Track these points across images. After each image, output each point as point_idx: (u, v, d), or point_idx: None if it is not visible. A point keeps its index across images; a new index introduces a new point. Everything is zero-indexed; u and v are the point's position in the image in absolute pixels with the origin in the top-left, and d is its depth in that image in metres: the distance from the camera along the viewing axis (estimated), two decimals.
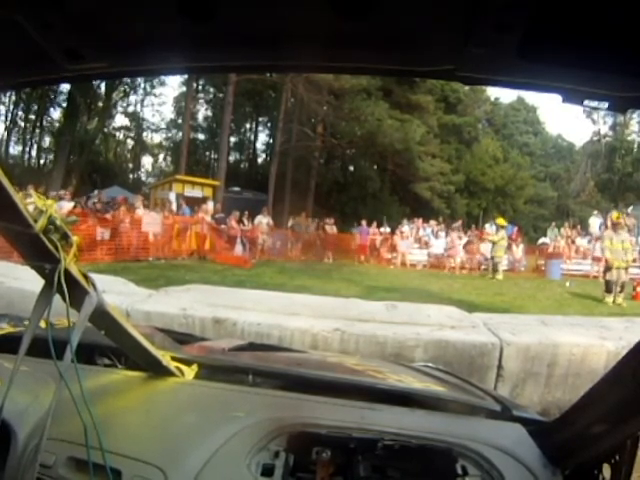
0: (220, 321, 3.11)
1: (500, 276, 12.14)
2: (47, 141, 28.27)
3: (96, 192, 15.35)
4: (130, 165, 32.63)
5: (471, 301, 7.29)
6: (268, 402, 1.06)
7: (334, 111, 22.79)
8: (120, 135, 31.16)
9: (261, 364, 1.29)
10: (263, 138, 33.02)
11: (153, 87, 29.71)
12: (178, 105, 30.27)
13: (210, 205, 14.36)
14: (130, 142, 32.06)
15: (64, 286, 0.74)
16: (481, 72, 0.52)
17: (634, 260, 9.16)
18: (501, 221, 13.81)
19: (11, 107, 25.76)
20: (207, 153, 31.98)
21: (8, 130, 25.78)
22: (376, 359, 2.37)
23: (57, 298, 0.76)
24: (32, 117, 27.31)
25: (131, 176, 31.84)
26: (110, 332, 0.98)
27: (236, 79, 20.19)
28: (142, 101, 30.31)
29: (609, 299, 8.51)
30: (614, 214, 11.31)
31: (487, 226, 17.56)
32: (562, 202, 29.55)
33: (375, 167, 26.24)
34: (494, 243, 12.77)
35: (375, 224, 16.49)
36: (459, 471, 0.87)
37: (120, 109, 29.35)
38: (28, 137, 27.61)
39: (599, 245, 14.48)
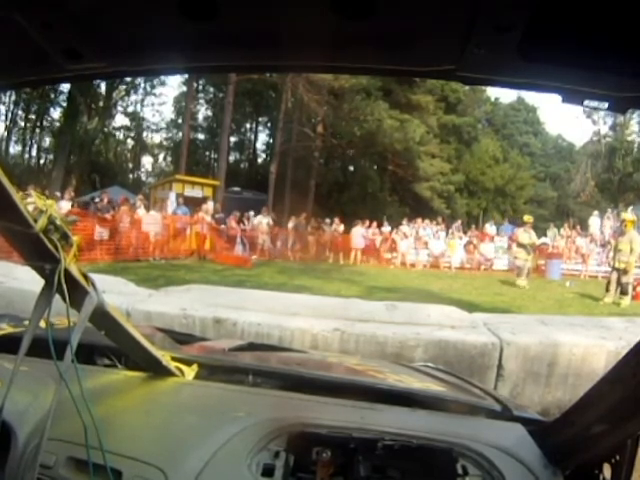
0: (220, 321, 3.10)
1: (521, 282, 10.27)
2: (47, 141, 28.36)
3: (99, 193, 15.38)
4: (130, 165, 32.67)
5: (471, 301, 7.29)
6: (268, 402, 1.06)
7: (334, 111, 22.80)
8: (120, 135, 31.25)
9: (261, 364, 1.29)
10: (263, 138, 33.16)
11: (153, 87, 29.83)
12: (178, 105, 30.33)
13: (210, 205, 14.36)
14: (130, 142, 32.14)
15: (64, 286, 0.74)
16: (481, 72, 0.52)
17: (636, 260, 8.99)
18: (528, 218, 11.25)
19: (11, 107, 25.82)
20: (207, 153, 32.04)
21: (8, 130, 25.83)
22: (376, 359, 2.37)
23: (57, 298, 0.76)
24: (32, 117, 27.36)
25: (131, 176, 31.90)
26: (110, 332, 0.98)
27: (236, 79, 20.19)
28: (142, 101, 30.42)
29: (608, 299, 8.49)
30: (623, 215, 10.71)
31: (487, 226, 17.62)
32: (562, 202, 29.57)
33: (375, 167, 26.25)
34: (521, 245, 10.72)
35: (375, 224, 16.50)
36: (459, 471, 0.87)
37: (120, 109, 29.46)
38: (28, 137, 27.67)
39: (594, 245, 14.53)
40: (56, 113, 27.09)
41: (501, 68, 0.50)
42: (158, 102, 33.17)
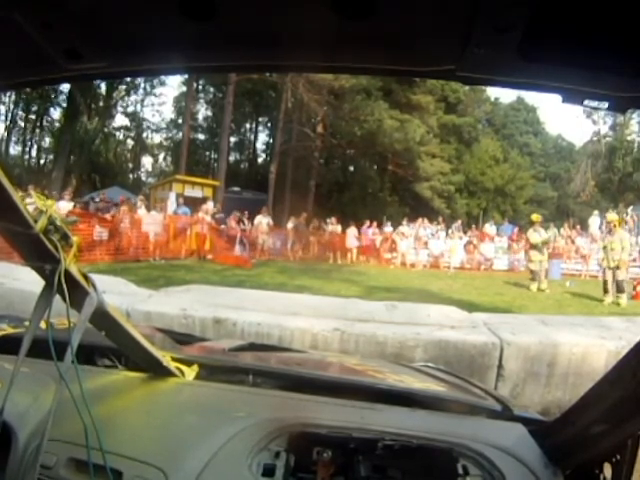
0: (220, 321, 3.11)
1: (535, 286, 9.86)
2: (47, 141, 28.36)
3: (99, 193, 15.39)
4: (130, 165, 32.66)
5: (471, 301, 7.29)
6: (268, 402, 1.06)
7: (334, 111, 22.77)
8: (120, 135, 31.22)
9: (261, 364, 1.29)
10: (263, 138, 33.15)
11: (153, 87, 29.79)
12: (178, 105, 30.30)
13: (210, 205, 14.35)
14: (130, 142, 32.12)
15: (64, 287, 0.74)
16: (481, 72, 0.52)
17: (634, 260, 9.01)
18: (536, 217, 10.62)
19: (11, 107, 25.83)
20: (207, 153, 32.03)
21: (8, 130, 25.84)
22: (376, 359, 2.37)
23: (57, 299, 0.76)
24: (32, 117, 27.36)
25: (131, 176, 31.89)
26: (110, 333, 0.98)
27: (236, 79, 20.20)
28: (142, 101, 30.38)
29: (608, 299, 8.50)
30: (610, 216, 10.71)
31: (487, 225, 17.62)
32: (562, 202, 29.55)
33: (375, 167, 26.24)
34: (533, 246, 10.22)
35: (375, 224, 16.49)
36: (460, 471, 0.87)
37: (120, 109, 29.44)
38: (28, 137, 27.68)
39: (594, 245, 14.53)
40: (56, 113, 27.15)
41: (501, 68, 0.50)
42: (158, 102, 33.22)
